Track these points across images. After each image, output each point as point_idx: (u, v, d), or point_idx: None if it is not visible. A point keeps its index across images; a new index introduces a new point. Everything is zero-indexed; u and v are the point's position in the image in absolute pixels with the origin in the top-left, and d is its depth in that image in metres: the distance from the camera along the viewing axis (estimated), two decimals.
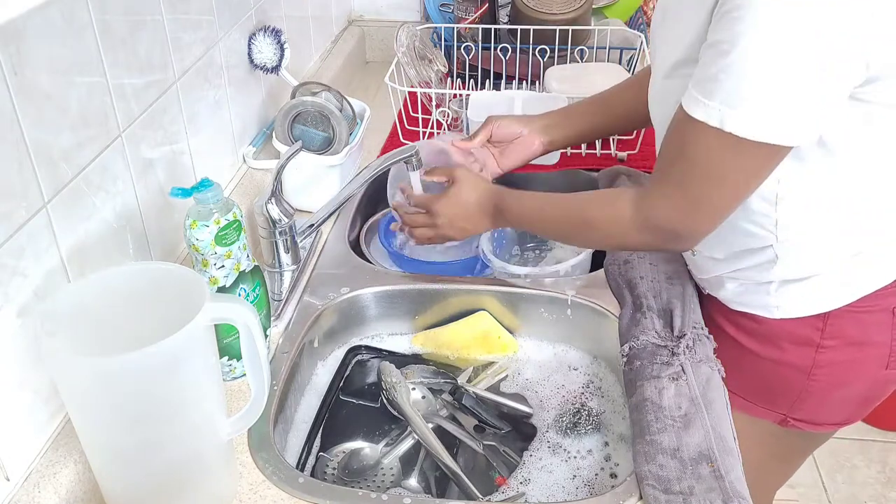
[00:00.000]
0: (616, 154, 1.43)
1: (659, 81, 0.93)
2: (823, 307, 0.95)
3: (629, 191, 0.92)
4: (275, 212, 1.08)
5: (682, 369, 0.93)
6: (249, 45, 1.26)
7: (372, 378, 1.08)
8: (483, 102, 1.40)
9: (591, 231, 0.96)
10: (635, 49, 1.59)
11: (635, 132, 1.43)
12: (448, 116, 1.47)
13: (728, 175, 0.81)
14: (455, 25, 1.69)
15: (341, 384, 1.08)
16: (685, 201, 0.85)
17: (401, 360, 1.10)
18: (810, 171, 0.85)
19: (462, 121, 1.46)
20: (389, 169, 1.15)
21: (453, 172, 1.08)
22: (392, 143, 1.49)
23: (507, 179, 1.46)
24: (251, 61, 1.27)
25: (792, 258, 0.93)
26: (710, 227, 0.87)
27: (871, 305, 0.95)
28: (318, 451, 0.98)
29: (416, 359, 1.12)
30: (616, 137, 1.44)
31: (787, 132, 0.76)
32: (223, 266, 0.88)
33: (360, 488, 0.92)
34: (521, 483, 0.94)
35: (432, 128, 1.50)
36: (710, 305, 1.06)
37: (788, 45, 0.71)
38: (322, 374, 1.09)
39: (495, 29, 1.66)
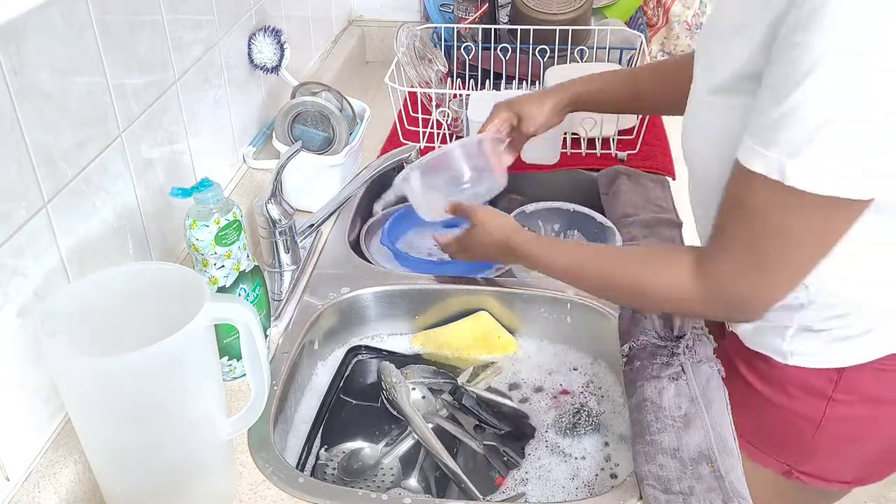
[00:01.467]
0: (616, 154, 1.43)
1: (695, 107, 0.86)
2: (840, 362, 0.88)
3: (686, 255, 0.81)
4: (275, 212, 1.08)
5: (682, 369, 0.93)
6: (249, 45, 1.26)
7: (372, 378, 1.08)
8: (483, 102, 1.39)
9: (644, 300, 0.88)
10: (635, 49, 1.59)
11: (635, 132, 1.44)
12: (448, 116, 1.47)
13: (798, 234, 0.71)
14: (455, 25, 1.69)
15: (341, 384, 1.08)
16: (754, 266, 0.75)
17: (401, 360, 1.10)
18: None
19: (462, 121, 1.46)
20: (389, 170, 1.15)
21: (473, 214, 1.05)
22: (392, 143, 1.49)
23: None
24: (251, 61, 1.27)
25: (818, 307, 0.85)
26: (784, 293, 0.77)
27: (894, 365, 0.88)
28: (318, 451, 0.98)
29: (416, 359, 1.12)
30: (616, 137, 1.44)
31: (858, 184, 0.66)
32: (223, 266, 0.89)
33: (360, 488, 0.92)
34: (520, 483, 0.94)
35: (432, 128, 1.50)
36: (726, 342, 1.01)
37: (866, 97, 0.63)
38: (322, 374, 1.09)
39: (495, 29, 1.66)
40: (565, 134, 1.43)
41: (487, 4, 1.70)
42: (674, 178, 1.38)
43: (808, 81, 0.64)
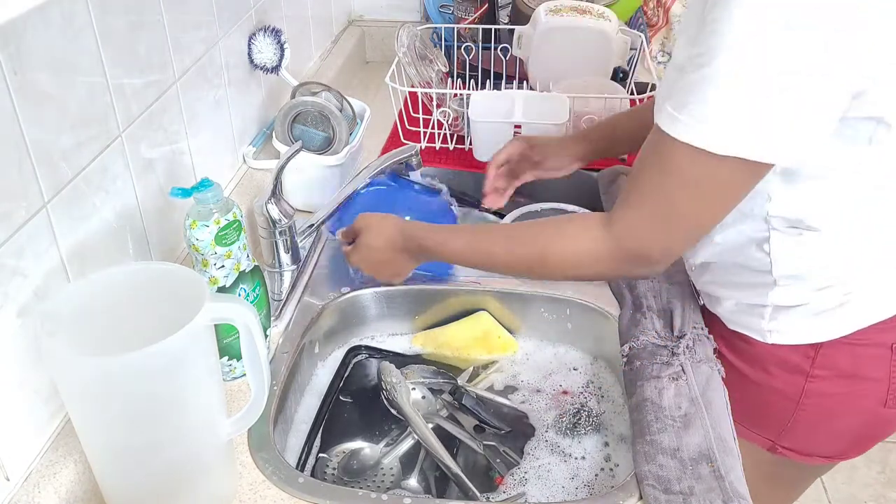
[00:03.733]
0: None
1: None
2: (817, 337, 0.92)
3: (594, 218, 0.86)
4: (275, 212, 1.08)
5: (682, 369, 0.93)
6: (249, 45, 1.26)
7: (372, 378, 1.08)
8: (483, 102, 1.39)
9: (554, 266, 0.88)
10: (635, 49, 1.58)
11: None
12: (449, 116, 1.47)
13: (703, 191, 0.77)
14: (455, 26, 1.69)
15: (341, 384, 1.08)
16: (661, 217, 0.80)
17: (401, 360, 1.10)
18: (803, 195, 0.83)
19: (462, 120, 1.46)
20: (389, 168, 1.15)
21: (354, 225, 1.05)
22: (392, 143, 1.49)
23: None
24: (251, 61, 1.27)
25: (791, 284, 0.90)
26: (684, 246, 0.84)
27: (868, 339, 0.92)
28: (318, 451, 0.99)
29: (416, 359, 1.12)
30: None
31: (762, 149, 0.72)
32: (223, 266, 0.89)
33: (360, 488, 0.92)
34: (520, 483, 0.94)
35: (433, 128, 1.50)
36: (707, 321, 1.03)
37: (763, 62, 0.68)
38: (322, 374, 1.09)
39: (495, 29, 1.66)
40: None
41: (487, 4, 1.70)
42: None
43: (717, 55, 0.69)
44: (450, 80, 1.61)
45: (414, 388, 1.06)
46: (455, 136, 1.48)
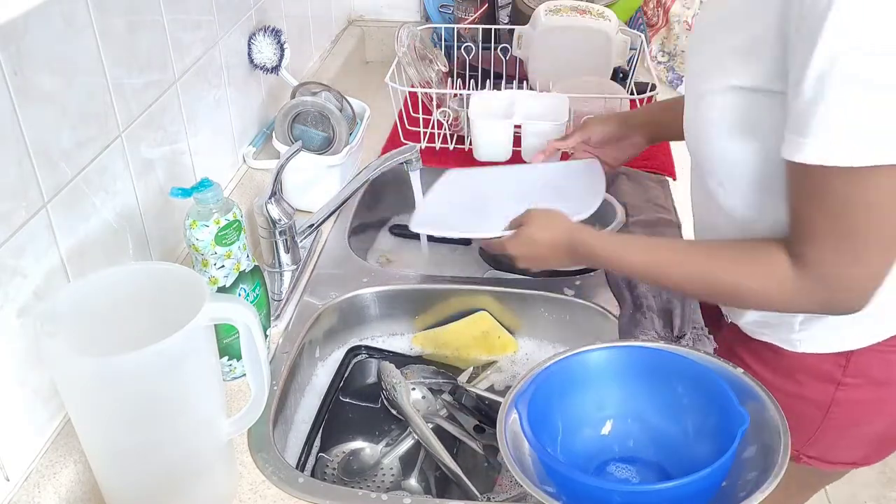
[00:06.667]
0: None
1: (708, 99, 0.83)
2: (849, 345, 0.91)
3: (779, 251, 0.79)
4: (275, 212, 1.08)
5: None
6: (249, 45, 1.26)
7: (372, 378, 1.08)
8: (483, 102, 1.39)
9: (741, 299, 0.86)
10: (635, 49, 1.59)
11: None
12: (449, 116, 1.47)
13: (879, 206, 0.72)
14: (455, 26, 1.69)
15: (341, 384, 1.08)
16: (849, 248, 0.75)
17: (401, 360, 1.10)
18: None
19: (462, 119, 1.46)
20: (390, 169, 1.15)
21: (522, 218, 1.00)
22: (392, 143, 1.49)
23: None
24: (251, 61, 1.27)
25: None
26: (885, 269, 0.77)
27: None
28: (318, 452, 0.98)
29: (416, 359, 1.12)
30: None
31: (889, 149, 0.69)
32: (223, 266, 0.89)
33: (360, 488, 0.92)
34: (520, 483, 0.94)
35: (433, 128, 1.50)
36: (727, 333, 1.03)
37: (875, 57, 0.66)
38: (322, 374, 1.09)
39: (495, 29, 1.66)
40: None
41: (487, 4, 1.70)
42: (674, 179, 1.38)
43: (826, 73, 0.67)
44: (450, 80, 1.62)
45: (414, 388, 1.06)
46: (455, 136, 1.48)
